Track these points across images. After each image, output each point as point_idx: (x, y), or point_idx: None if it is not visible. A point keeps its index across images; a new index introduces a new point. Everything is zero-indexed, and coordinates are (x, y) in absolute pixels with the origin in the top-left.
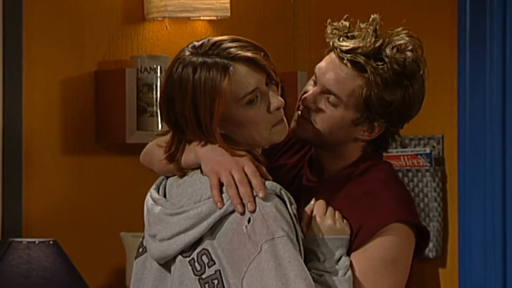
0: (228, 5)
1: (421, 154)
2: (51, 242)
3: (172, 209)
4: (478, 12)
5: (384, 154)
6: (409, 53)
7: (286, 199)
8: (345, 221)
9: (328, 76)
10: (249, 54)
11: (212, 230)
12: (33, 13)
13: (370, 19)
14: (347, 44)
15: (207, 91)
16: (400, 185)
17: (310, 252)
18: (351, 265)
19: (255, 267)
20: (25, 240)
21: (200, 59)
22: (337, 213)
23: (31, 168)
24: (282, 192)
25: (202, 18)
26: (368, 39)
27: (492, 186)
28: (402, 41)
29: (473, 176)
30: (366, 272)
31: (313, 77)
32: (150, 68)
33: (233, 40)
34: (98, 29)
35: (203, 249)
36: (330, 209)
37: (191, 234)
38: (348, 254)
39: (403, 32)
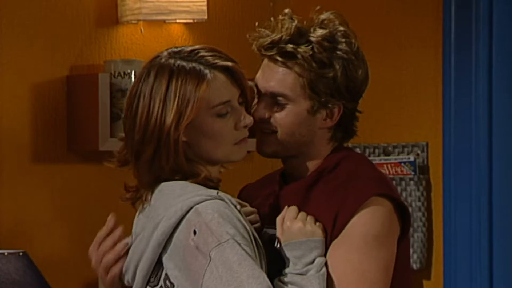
0: (205, 8)
1: (404, 162)
2: (20, 253)
3: (134, 243)
4: (463, 16)
5: None
6: (333, 26)
7: (227, 200)
8: (317, 223)
9: (267, 80)
10: (228, 63)
11: (166, 250)
12: (2, 16)
13: (282, 13)
14: (266, 39)
15: (181, 94)
16: (375, 169)
17: (285, 258)
18: (334, 252)
19: (209, 278)
20: None
21: (178, 62)
22: (309, 216)
23: (0, 177)
24: (221, 195)
25: (178, 21)
26: (286, 26)
27: (478, 195)
28: (324, 17)
29: (459, 185)
30: (350, 253)
31: (255, 93)
32: (124, 73)
33: (211, 49)
34: (70, 32)
35: (165, 274)
36: (301, 213)
37: (145, 259)
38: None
39: (326, 12)
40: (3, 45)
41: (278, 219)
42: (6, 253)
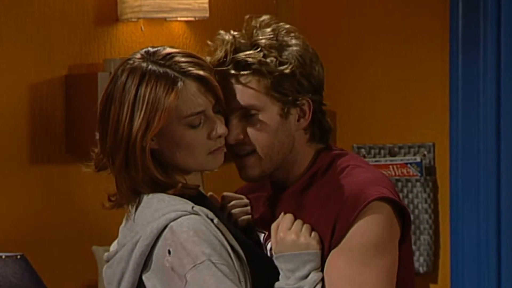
0: (206, 5)
1: (411, 163)
2: (18, 256)
3: (112, 259)
4: (471, 14)
5: (372, 163)
6: (275, 25)
7: (202, 214)
8: (313, 234)
9: (230, 99)
10: (201, 72)
11: (147, 269)
12: (0, 14)
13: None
14: (214, 57)
15: (150, 102)
16: (369, 169)
17: (278, 271)
18: (333, 263)
19: None
20: None
21: (150, 66)
22: (304, 226)
23: None
24: (196, 209)
25: (179, 19)
26: (226, 38)
27: (486, 197)
28: (262, 19)
29: (466, 186)
30: (349, 264)
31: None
32: None
33: (188, 55)
34: (68, 30)
35: None
36: (296, 223)
37: (126, 279)
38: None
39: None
40: (1, 44)
41: (273, 227)
42: (3, 256)
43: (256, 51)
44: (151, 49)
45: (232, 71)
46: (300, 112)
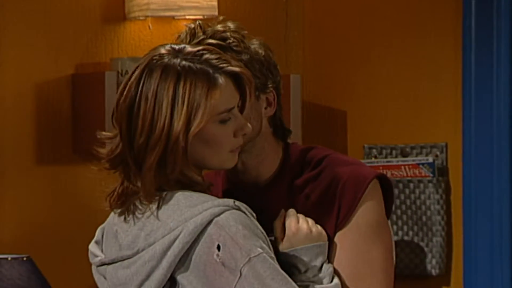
0: (215, 3)
1: (423, 164)
2: (24, 258)
3: (129, 259)
4: (484, 11)
5: (384, 163)
6: (224, 25)
7: (245, 210)
8: (319, 226)
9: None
10: (235, 68)
11: (182, 267)
12: (5, 12)
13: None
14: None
15: (191, 99)
16: (341, 154)
17: (291, 266)
18: (341, 244)
19: None
20: None
21: (184, 63)
22: (309, 219)
23: (2, 179)
24: (238, 204)
25: (187, 17)
26: (193, 25)
27: (499, 198)
28: (216, 28)
29: (479, 187)
30: (357, 243)
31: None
32: None
33: (215, 52)
34: (75, 29)
35: None
36: (302, 216)
37: (155, 278)
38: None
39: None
40: (6, 42)
41: (277, 224)
42: (9, 258)
43: (229, 31)
44: (175, 46)
45: (210, 40)
46: (266, 101)
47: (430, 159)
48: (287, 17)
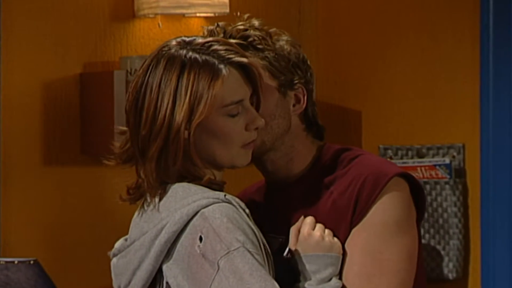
0: (227, 1)
1: (439, 165)
2: (31, 262)
3: (127, 249)
4: (502, 9)
5: (399, 165)
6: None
7: (235, 204)
8: (335, 238)
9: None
10: (243, 59)
11: (169, 257)
12: (12, 10)
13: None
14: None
15: (193, 90)
16: (377, 156)
17: (298, 273)
18: (353, 241)
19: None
20: (2, 259)
21: (190, 54)
22: (327, 230)
23: (9, 181)
24: (229, 197)
25: (198, 15)
26: (213, 26)
27: None
28: (237, 27)
29: (497, 189)
30: (369, 241)
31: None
32: None
33: (225, 43)
34: (83, 27)
35: (166, 282)
36: (319, 225)
37: (144, 267)
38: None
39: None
40: (13, 41)
41: (293, 229)
42: (16, 262)
43: (251, 29)
44: (185, 38)
45: (231, 40)
46: (295, 97)
47: (447, 160)
48: (300, 14)
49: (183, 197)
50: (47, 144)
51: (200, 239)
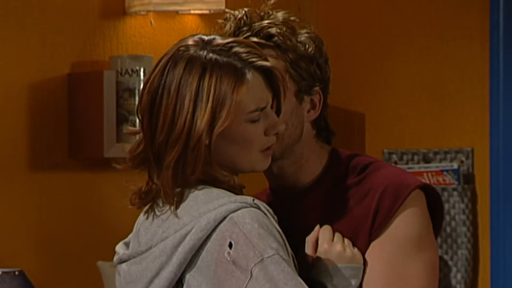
0: None
1: (447, 170)
2: (16, 272)
3: (141, 255)
4: None
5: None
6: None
7: (264, 210)
8: (355, 249)
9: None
10: (266, 63)
11: (191, 265)
12: None
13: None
14: (227, 31)
15: (216, 95)
16: (389, 164)
17: (319, 285)
18: (375, 255)
19: None
20: None
21: (211, 55)
22: (346, 239)
23: None
24: (257, 202)
25: (192, 12)
26: (237, 12)
27: None
28: (263, 24)
29: (508, 196)
30: (393, 256)
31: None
32: (132, 70)
33: (247, 45)
34: (71, 24)
35: None
36: (337, 234)
37: (164, 275)
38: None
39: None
40: None
41: (309, 240)
42: (0, 272)
43: (276, 26)
44: (204, 37)
45: (254, 39)
46: (310, 103)
47: (455, 166)
48: (299, 12)
49: (205, 201)
50: (34, 148)
51: (230, 245)
